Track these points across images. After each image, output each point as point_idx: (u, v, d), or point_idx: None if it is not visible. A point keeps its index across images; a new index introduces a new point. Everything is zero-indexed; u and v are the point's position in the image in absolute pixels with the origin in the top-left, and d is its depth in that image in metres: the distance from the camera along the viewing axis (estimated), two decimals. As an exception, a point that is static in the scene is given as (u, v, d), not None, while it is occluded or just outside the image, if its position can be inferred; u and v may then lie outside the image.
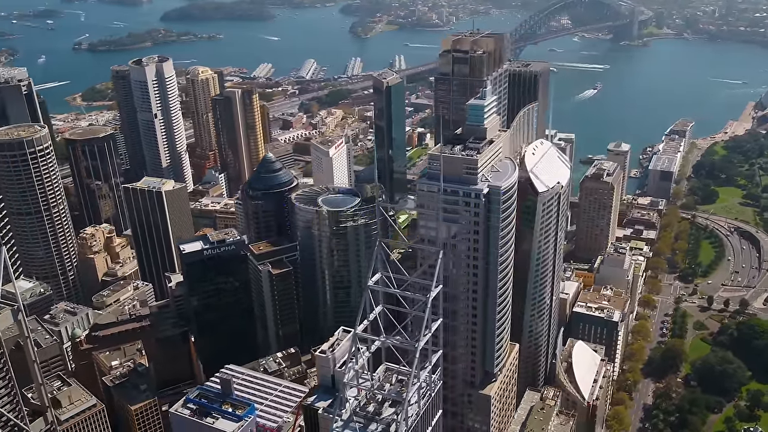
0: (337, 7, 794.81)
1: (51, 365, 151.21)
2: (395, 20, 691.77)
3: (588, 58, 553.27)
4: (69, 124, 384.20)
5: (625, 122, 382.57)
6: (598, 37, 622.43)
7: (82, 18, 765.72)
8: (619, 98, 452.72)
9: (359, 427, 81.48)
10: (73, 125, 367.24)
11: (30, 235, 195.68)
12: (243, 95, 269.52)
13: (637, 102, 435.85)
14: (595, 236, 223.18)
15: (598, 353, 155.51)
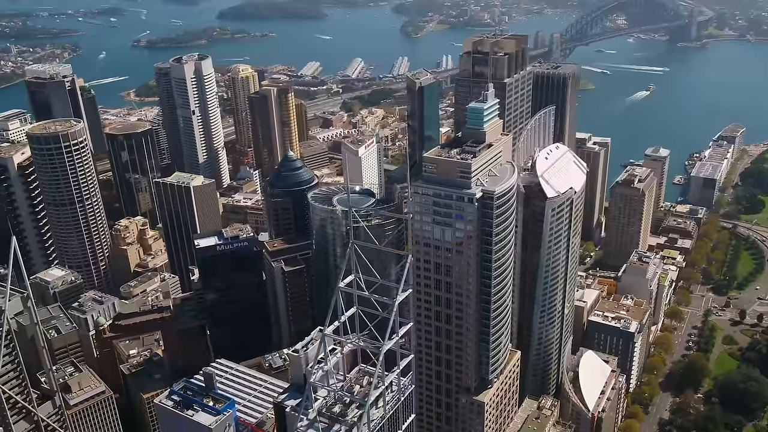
0: (389, 6, 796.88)
1: (70, 351, 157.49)
2: (446, 20, 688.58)
3: (642, 59, 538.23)
4: (120, 118, 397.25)
5: (675, 126, 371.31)
6: (653, 38, 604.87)
7: (143, 16, 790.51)
8: (672, 101, 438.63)
9: (323, 427, 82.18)
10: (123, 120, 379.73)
11: (64, 226, 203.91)
12: (279, 93, 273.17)
13: (690, 105, 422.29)
14: (625, 244, 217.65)
15: (609, 364, 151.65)
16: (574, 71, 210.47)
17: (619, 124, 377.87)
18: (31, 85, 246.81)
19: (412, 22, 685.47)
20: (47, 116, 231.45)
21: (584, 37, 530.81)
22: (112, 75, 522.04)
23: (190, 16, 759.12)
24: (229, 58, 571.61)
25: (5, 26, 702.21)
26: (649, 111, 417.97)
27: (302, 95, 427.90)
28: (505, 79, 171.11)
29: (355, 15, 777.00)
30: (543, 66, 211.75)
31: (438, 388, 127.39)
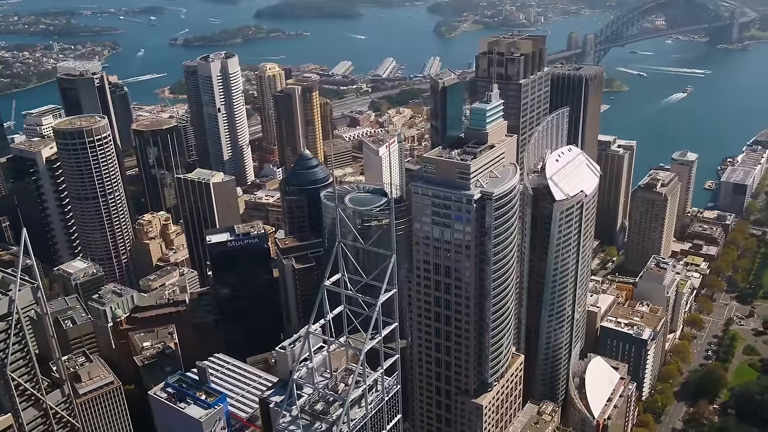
0: (425, 6, 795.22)
1: (84, 342, 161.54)
2: (481, 20, 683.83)
3: (680, 61, 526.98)
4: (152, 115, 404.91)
5: (710, 129, 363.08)
6: (692, 39, 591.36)
7: (182, 15, 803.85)
8: (709, 104, 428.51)
9: (304, 424, 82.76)
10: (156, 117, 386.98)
11: (88, 219, 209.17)
12: (303, 92, 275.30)
13: (728, 108, 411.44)
14: (646, 249, 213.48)
15: (619, 371, 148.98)
16: (597, 73, 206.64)
17: (652, 127, 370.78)
18: (63, 82, 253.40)
19: (446, 21, 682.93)
20: (77, 112, 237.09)
21: (620, 38, 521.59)
22: (149, 72, 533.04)
23: (227, 14, 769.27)
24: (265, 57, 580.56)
25: (50, 24, 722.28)
26: (684, 114, 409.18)
27: (331, 94, 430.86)
28: (520, 80, 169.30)
29: (390, 14, 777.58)
30: (564, 67, 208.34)
31: (438, 389, 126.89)
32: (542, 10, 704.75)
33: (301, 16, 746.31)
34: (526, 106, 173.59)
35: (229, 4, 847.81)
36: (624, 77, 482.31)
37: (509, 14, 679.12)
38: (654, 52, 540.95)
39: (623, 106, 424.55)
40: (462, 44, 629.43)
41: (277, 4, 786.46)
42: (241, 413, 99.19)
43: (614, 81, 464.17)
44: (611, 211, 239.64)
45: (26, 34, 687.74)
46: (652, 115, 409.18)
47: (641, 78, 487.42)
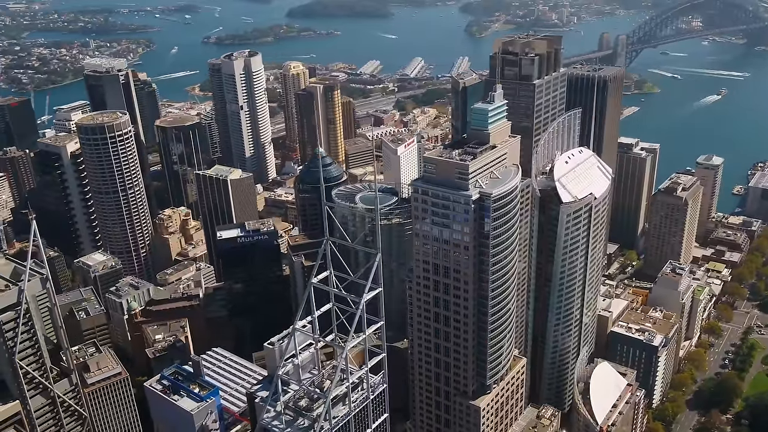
0: (457, 6, 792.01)
1: (97, 333, 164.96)
2: (513, 20, 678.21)
3: (716, 63, 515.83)
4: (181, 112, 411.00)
5: (742, 133, 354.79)
6: (730, 41, 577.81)
7: (216, 14, 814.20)
8: (744, 107, 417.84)
9: (287, 420, 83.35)
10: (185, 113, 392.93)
11: (108, 213, 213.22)
12: (325, 91, 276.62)
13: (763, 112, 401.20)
14: (666, 254, 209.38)
15: (627, 377, 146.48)
16: (617, 74, 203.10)
17: (682, 129, 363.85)
18: (89, 78, 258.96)
19: (477, 21, 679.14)
20: (103, 108, 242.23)
21: (653, 39, 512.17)
22: (182, 70, 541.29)
23: (261, 13, 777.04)
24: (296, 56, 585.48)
25: (88, 22, 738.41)
26: (717, 117, 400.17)
27: (357, 93, 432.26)
28: (534, 81, 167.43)
29: (421, 14, 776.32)
30: (584, 68, 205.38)
31: (437, 389, 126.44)
32: (575, 10, 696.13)
33: (332, 15, 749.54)
34: (540, 106, 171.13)
35: (263, 3, 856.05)
36: (656, 79, 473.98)
37: (541, 14, 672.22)
38: (688, 54, 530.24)
39: (654, 108, 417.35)
40: (492, 44, 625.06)
41: (309, 3, 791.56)
42: (234, 407, 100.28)
43: (645, 83, 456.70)
44: (632, 215, 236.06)
45: (65, 32, 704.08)
46: (683, 117, 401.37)
47: (674, 80, 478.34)
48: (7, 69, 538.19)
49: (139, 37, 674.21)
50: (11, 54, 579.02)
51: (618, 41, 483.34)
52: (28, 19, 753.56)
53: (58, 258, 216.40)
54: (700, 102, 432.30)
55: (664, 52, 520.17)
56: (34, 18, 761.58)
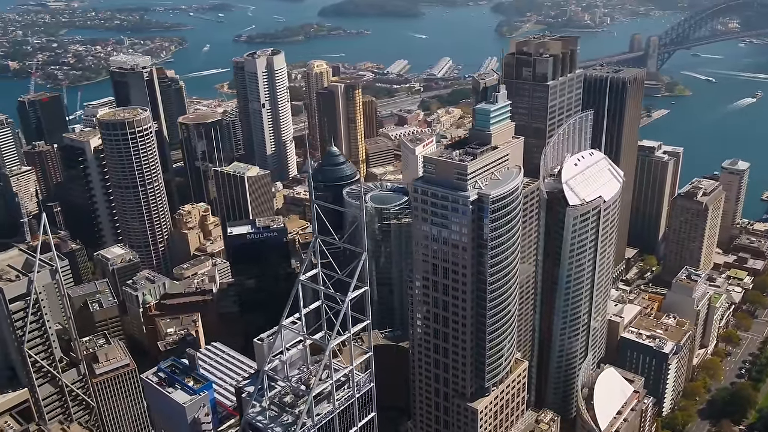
0: (489, 6, 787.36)
1: (109, 324, 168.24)
2: (544, 20, 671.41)
3: (752, 66, 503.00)
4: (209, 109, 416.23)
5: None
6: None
7: (249, 12, 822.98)
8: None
9: (271, 415, 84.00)
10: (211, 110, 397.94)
11: (127, 207, 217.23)
12: (346, 90, 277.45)
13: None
14: (685, 260, 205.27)
15: (634, 383, 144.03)
16: (637, 75, 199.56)
17: (713, 133, 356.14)
18: (114, 75, 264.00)
19: (508, 21, 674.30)
20: (127, 104, 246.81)
21: (686, 40, 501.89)
22: (212, 67, 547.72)
23: (293, 12, 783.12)
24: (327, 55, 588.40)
25: (124, 20, 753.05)
26: (750, 120, 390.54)
27: (383, 92, 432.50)
28: (548, 82, 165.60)
29: (452, 14, 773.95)
30: (603, 69, 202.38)
31: (437, 390, 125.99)
32: (609, 11, 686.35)
33: (363, 14, 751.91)
34: (554, 108, 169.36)
35: (295, 1, 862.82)
36: (689, 81, 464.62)
37: (573, 15, 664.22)
38: (724, 56, 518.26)
39: (684, 111, 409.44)
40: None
41: (340, 2, 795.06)
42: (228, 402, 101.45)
43: (677, 85, 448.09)
44: (653, 220, 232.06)
45: (101, 29, 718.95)
46: (714, 121, 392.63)
47: (708, 83, 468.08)
48: (44, 65, 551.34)
49: (172, 35, 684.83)
50: (48, 51, 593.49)
51: (649, 42, 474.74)
52: (66, 16, 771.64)
53: (80, 250, 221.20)
54: (733, 105, 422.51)
55: (696, 54, 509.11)
56: (73, 15, 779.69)
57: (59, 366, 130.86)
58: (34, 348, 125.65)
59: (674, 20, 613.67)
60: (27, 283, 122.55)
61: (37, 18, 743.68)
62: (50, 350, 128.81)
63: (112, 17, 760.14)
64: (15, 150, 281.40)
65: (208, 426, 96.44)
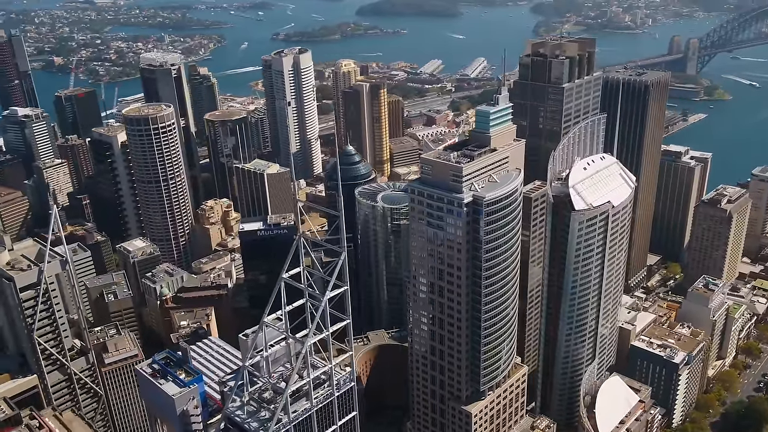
0: (528, 6, 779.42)
1: (124, 315, 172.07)
2: (584, 21, 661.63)
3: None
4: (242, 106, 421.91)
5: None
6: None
7: (289, 11, 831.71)
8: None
9: (250, 410, 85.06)
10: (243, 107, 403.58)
11: (150, 201, 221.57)
12: (371, 89, 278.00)
13: None
14: (707, 268, 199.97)
15: (641, 393, 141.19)
16: (661, 79, 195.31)
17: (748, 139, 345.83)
18: (144, 72, 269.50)
19: (546, 22, 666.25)
20: (155, 100, 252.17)
21: (728, 43, 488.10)
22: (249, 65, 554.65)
23: (332, 11, 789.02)
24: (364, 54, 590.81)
25: (166, 17, 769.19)
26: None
27: (414, 92, 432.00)
28: (563, 84, 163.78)
29: (491, 14, 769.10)
30: (626, 72, 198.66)
31: (433, 392, 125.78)
32: (651, 12, 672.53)
33: (401, 13, 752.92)
34: (569, 111, 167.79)
35: (334, 0, 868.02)
36: (729, 85, 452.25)
37: (614, 16, 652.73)
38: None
39: (723, 115, 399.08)
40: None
41: (378, 2, 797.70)
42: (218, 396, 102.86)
43: (716, 89, 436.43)
44: (677, 227, 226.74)
45: (145, 26, 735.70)
46: (753, 126, 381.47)
47: (750, 88, 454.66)
48: (86, 61, 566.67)
49: (212, 33, 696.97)
50: (92, 47, 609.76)
51: (689, 45, 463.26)
52: (112, 14, 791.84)
53: (104, 242, 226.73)
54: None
55: (735, 57, 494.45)
56: (118, 13, 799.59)
57: (68, 354, 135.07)
58: (43, 336, 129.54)
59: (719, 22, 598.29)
60: (37, 273, 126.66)
61: (84, 15, 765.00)
62: (59, 338, 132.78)
63: (155, 15, 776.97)
64: (49, 143, 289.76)
65: (197, 418, 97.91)
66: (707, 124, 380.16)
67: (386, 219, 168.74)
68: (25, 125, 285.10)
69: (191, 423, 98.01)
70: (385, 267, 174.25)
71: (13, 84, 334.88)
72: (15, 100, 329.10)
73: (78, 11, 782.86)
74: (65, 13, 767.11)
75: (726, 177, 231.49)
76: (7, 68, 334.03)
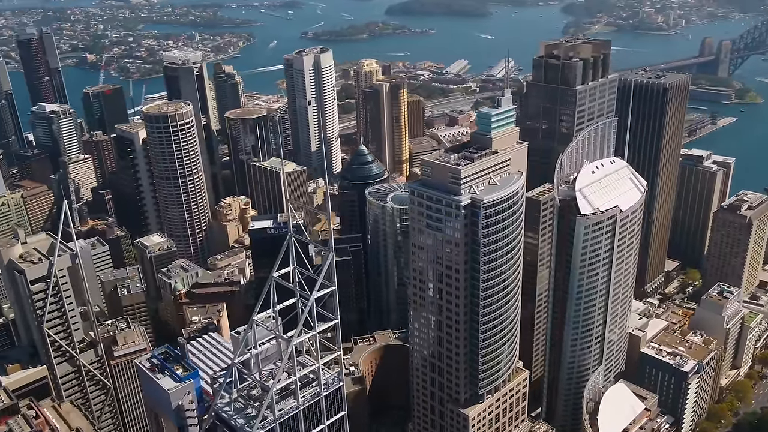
0: (559, 6, 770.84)
1: (136, 309, 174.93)
2: (615, 21, 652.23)
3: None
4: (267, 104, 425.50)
5: None
6: None
7: (319, 10, 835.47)
8: None
9: (237, 407, 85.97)
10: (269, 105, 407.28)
11: (168, 198, 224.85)
12: (391, 89, 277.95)
13: None
14: (726, 275, 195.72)
15: (647, 401, 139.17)
16: (681, 82, 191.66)
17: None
18: (167, 70, 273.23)
19: (576, 22, 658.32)
20: (177, 98, 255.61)
21: (762, 45, 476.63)
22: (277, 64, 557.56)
23: (361, 10, 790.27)
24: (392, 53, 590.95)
25: (198, 15, 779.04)
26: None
27: (437, 92, 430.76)
28: (576, 86, 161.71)
29: (521, 14, 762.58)
30: (645, 74, 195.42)
31: (432, 394, 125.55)
32: (684, 12, 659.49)
33: (430, 13, 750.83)
34: (582, 113, 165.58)
35: None
36: (763, 88, 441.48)
37: (646, 16, 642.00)
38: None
39: (754, 119, 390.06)
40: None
41: (407, 1, 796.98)
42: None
43: (748, 92, 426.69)
44: (698, 232, 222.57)
45: (177, 24, 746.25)
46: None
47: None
48: (118, 58, 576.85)
49: (242, 32, 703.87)
50: (124, 44, 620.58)
51: (721, 47, 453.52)
52: (145, 12, 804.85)
53: (124, 237, 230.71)
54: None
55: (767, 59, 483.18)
56: (151, 11, 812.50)
57: (78, 346, 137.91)
58: (53, 328, 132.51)
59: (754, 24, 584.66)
60: (48, 266, 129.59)
61: (118, 13, 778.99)
62: (69, 330, 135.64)
63: (187, 13, 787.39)
64: (76, 139, 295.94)
65: (192, 413, 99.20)
66: (737, 128, 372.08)
67: (395, 219, 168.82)
68: (53, 121, 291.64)
69: (186, 418, 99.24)
70: (394, 267, 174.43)
71: (43, 80, 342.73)
72: (45, 97, 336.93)
73: (113, 9, 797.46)
74: (100, 11, 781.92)
75: (752, 182, 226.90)
76: (38, 65, 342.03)
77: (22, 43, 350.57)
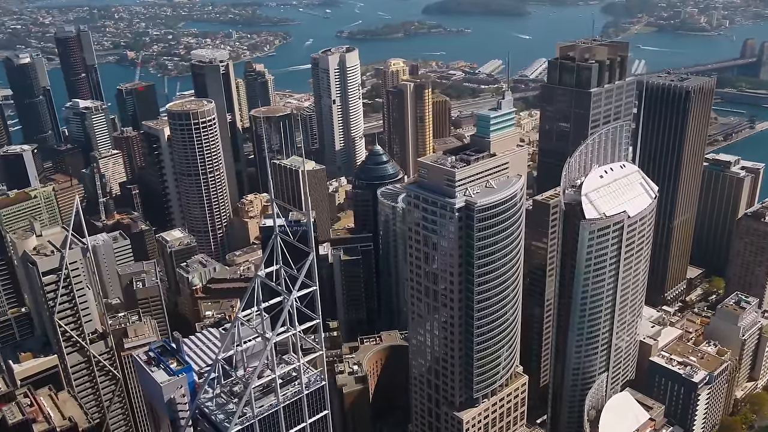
0: (599, 6, 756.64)
1: (151, 303, 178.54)
2: (656, 22, 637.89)
3: None
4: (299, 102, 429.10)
5: None
6: None
7: (356, 9, 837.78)
8: None
9: (219, 402, 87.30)
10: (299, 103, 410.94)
11: (190, 194, 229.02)
12: (416, 89, 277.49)
13: None
14: (749, 284, 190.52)
15: (652, 411, 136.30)
16: (705, 85, 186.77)
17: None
18: (194, 68, 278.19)
19: (615, 22, 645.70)
20: (204, 95, 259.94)
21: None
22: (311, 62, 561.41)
23: (398, 9, 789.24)
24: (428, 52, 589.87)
25: (237, 14, 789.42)
26: None
27: (467, 92, 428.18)
28: (591, 89, 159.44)
29: (560, 13, 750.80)
30: (668, 77, 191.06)
31: (429, 396, 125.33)
32: (729, 13, 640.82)
33: (467, 12, 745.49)
34: (597, 116, 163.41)
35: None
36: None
37: (688, 17, 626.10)
38: None
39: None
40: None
41: (445, 0, 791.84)
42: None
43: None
44: (723, 240, 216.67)
45: (216, 23, 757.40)
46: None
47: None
48: (157, 56, 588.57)
49: (279, 30, 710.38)
50: (164, 42, 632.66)
51: (764, 48, 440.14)
52: (186, 10, 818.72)
53: (148, 231, 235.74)
54: None
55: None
56: (192, 9, 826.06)
57: (89, 337, 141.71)
58: (63, 318, 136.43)
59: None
60: (60, 259, 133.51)
61: (160, 11, 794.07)
62: (80, 322, 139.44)
63: (226, 11, 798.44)
64: (107, 134, 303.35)
65: (183, 407, 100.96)
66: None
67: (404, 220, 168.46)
68: (85, 117, 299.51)
69: (177, 411, 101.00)
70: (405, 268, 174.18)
71: (80, 77, 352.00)
72: (81, 93, 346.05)
73: (155, 7, 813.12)
74: (143, 9, 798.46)
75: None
76: (75, 62, 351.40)
77: (60, 41, 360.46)
